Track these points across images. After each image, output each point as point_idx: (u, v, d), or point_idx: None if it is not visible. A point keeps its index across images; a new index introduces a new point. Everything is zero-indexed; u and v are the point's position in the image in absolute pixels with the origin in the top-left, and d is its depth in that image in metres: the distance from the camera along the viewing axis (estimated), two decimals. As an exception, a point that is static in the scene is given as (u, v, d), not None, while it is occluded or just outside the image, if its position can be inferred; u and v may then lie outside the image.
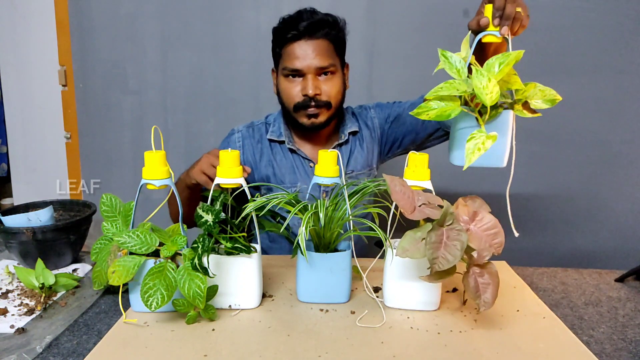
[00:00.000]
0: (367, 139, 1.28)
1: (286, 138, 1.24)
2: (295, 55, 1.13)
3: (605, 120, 1.83)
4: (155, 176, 0.82)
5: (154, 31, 1.89)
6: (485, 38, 0.81)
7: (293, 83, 1.15)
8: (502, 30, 0.83)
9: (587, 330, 0.84)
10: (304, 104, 1.15)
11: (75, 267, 1.08)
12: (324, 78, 1.15)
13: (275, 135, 1.25)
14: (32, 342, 0.76)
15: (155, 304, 0.77)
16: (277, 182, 1.24)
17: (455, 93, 0.73)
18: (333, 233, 0.88)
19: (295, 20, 1.12)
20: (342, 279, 0.88)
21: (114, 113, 1.97)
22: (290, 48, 1.13)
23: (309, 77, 1.13)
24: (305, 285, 0.89)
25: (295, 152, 1.24)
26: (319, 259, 0.87)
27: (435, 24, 1.81)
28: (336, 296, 0.89)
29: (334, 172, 0.87)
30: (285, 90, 1.17)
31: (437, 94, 0.73)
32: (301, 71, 1.13)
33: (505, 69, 0.72)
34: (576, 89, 1.81)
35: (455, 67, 0.74)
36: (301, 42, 1.12)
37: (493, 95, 0.70)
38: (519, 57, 0.72)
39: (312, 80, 1.13)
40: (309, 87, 1.13)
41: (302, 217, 0.82)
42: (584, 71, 1.80)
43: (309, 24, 1.11)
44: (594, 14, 1.76)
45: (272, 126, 1.26)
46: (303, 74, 1.14)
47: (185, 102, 1.94)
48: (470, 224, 0.79)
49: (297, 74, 1.14)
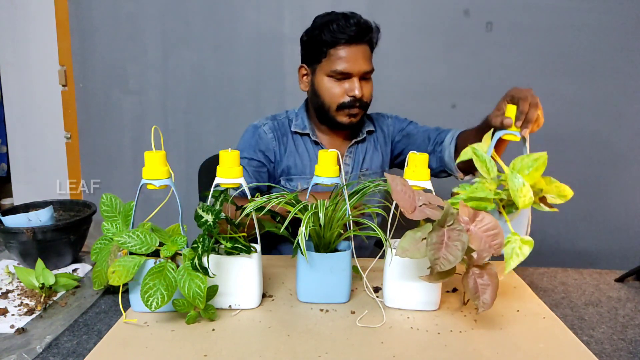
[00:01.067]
0: (380, 142, 1.35)
1: (310, 131, 1.29)
2: (346, 58, 1.17)
3: (605, 120, 1.83)
4: (156, 176, 0.82)
5: (154, 31, 1.89)
6: (505, 136, 0.90)
7: (339, 83, 1.20)
8: (523, 132, 0.93)
9: (587, 330, 0.84)
10: (350, 104, 1.20)
11: (75, 267, 1.08)
12: (364, 82, 1.21)
13: (299, 128, 1.29)
14: (32, 342, 0.76)
15: (155, 304, 0.77)
16: (299, 173, 1.29)
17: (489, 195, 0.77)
18: (333, 233, 0.88)
19: (346, 24, 1.17)
20: (342, 279, 0.88)
21: (114, 113, 1.97)
22: (341, 51, 1.18)
23: (355, 79, 1.19)
24: (305, 285, 0.89)
25: (318, 144, 1.30)
26: (319, 259, 0.87)
27: (435, 24, 1.81)
28: (336, 296, 0.89)
29: (334, 172, 0.87)
30: (329, 90, 1.21)
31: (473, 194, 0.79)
32: (350, 74, 1.18)
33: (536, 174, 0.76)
34: (576, 89, 1.81)
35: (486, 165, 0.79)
36: (352, 45, 1.17)
37: (526, 200, 0.75)
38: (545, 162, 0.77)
39: (358, 83, 1.19)
40: (357, 89, 1.18)
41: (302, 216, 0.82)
42: (584, 71, 1.80)
43: (359, 29, 1.17)
44: (594, 14, 1.76)
45: (296, 120, 1.31)
46: (350, 76, 1.19)
47: (186, 102, 1.94)
48: (470, 225, 0.79)
49: (344, 76, 1.19)
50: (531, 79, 1.79)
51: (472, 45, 1.79)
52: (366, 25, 1.18)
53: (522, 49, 1.77)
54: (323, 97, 1.22)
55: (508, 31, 1.78)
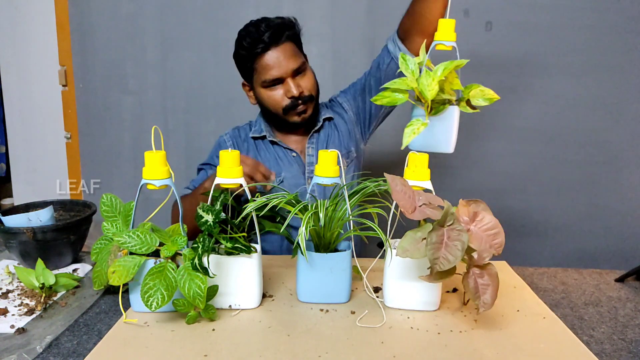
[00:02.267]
0: (340, 126, 1.35)
1: (267, 133, 1.31)
2: (270, 66, 1.19)
3: (605, 120, 1.83)
4: (156, 176, 0.82)
5: (154, 31, 1.89)
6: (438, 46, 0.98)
7: (274, 90, 1.22)
8: None
9: (587, 330, 0.84)
10: (292, 105, 1.22)
11: (76, 267, 1.08)
12: (300, 76, 1.22)
13: (257, 132, 1.32)
14: (33, 342, 0.76)
15: (155, 304, 0.77)
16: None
17: (405, 87, 0.90)
18: (333, 233, 0.88)
19: (257, 33, 1.18)
20: (342, 279, 0.88)
21: (114, 113, 1.97)
22: (263, 60, 1.19)
23: (288, 80, 1.20)
24: (306, 285, 0.89)
25: (277, 144, 1.31)
26: (319, 259, 0.87)
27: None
28: (336, 296, 0.89)
29: (334, 172, 0.87)
30: (269, 99, 1.24)
31: (392, 86, 0.91)
32: (280, 78, 1.20)
33: (446, 72, 0.87)
34: (576, 89, 1.81)
35: (410, 68, 0.90)
36: (270, 52, 1.18)
37: (433, 92, 0.88)
38: (460, 65, 0.87)
39: (291, 82, 1.20)
40: (292, 88, 1.20)
41: (302, 217, 0.82)
42: (584, 71, 1.80)
43: (271, 33, 1.17)
44: (594, 14, 1.76)
45: (254, 126, 1.35)
46: (282, 79, 1.20)
47: (185, 102, 1.94)
48: (471, 225, 0.79)
49: (277, 81, 1.21)
50: (531, 78, 1.79)
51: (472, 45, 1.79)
52: (279, 25, 1.19)
53: (522, 48, 1.77)
54: (268, 106, 1.25)
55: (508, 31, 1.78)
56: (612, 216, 1.89)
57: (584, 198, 1.89)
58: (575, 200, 1.89)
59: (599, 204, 1.89)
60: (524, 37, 1.77)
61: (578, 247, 1.92)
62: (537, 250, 1.91)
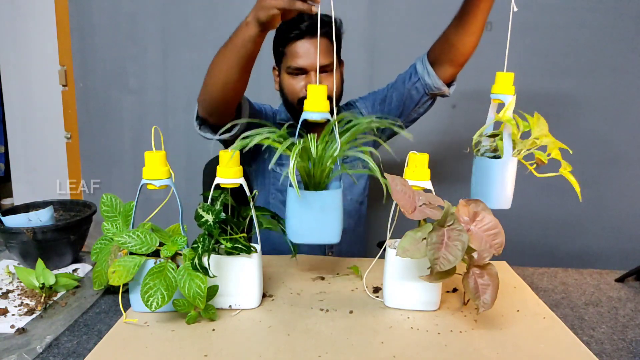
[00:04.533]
0: None
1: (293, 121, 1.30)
2: (299, 54, 1.19)
3: (606, 119, 1.83)
4: (156, 176, 0.82)
5: (154, 30, 1.89)
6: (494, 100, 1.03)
7: (296, 79, 1.22)
8: None
9: (587, 330, 0.84)
10: None
11: (76, 267, 1.08)
12: (325, 75, 1.21)
13: (284, 120, 1.32)
14: (33, 342, 0.76)
15: (155, 304, 0.77)
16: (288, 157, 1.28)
17: None
18: (324, 171, 0.84)
19: (297, 20, 1.17)
20: (333, 217, 0.84)
21: (114, 113, 1.97)
22: (293, 47, 1.19)
23: (312, 74, 1.20)
24: (296, 224, 0.84)
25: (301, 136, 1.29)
26: (310, 197, 0.83)
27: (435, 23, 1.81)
28: (327, 236, 0.84)
29: (324, 107, 0.83)
30: (289, 86, 1.23)
31: None
32: (305, 68, 1.19)
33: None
34: (576, 89, 1.81)
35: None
36: (304, 40, 1.18)
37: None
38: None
39: (315, 77, 1.19)
40: (313, 82, 1.19)
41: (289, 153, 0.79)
42: (584, 71, 1.80)
43: (310, 23, 1.17)
44: (594, 14, 1.75)
45: (279, 115, 1.35)
46: (306, 71, 1.20)
47: (186, 101, 1.94)
48: (471, 225, 0.79)
49: (300, 71, 1.20)
50: (531, 78, 1.79)
51: (472, 45, 1.79)
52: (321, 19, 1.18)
53: (523, 48, 1.77)
54: (286, 94, 1.26)
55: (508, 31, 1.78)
56: (612, 216, 1.89)
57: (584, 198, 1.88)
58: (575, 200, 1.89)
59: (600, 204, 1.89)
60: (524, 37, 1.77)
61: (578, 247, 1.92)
62: (537, 250, 1.91)
